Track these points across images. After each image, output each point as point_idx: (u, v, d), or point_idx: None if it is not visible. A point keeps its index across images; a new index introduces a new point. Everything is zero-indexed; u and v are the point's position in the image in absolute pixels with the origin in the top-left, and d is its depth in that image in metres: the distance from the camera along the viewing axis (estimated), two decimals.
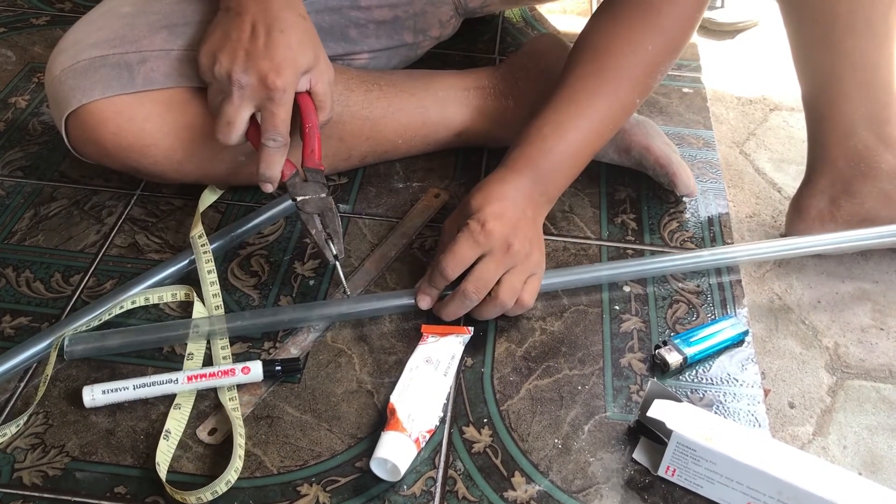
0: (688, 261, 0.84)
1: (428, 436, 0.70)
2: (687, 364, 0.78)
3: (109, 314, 0.79)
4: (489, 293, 0.76)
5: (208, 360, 0.76)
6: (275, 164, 0.76)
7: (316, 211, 0.78)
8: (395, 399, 0.71)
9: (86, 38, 0.81)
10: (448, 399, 0.74)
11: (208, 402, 0.73)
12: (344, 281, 0.79)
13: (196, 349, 0.77)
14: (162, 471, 0.67)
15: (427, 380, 0.74)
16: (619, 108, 0.82)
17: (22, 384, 0.74)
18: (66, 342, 0.75)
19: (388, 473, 0.67)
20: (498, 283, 0.76)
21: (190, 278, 0.83)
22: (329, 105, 0.79)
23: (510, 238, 0.75)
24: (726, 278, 0.86)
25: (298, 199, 0.77)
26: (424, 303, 0.79)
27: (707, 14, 1.42)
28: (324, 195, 0.78)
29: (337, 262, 0.78)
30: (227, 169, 0.88)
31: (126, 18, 0.82)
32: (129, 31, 0.81)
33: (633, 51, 0.80)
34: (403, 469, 0.67)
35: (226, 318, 0.79)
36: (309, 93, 0.78)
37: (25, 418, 0.71)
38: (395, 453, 0.66)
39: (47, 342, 0.76)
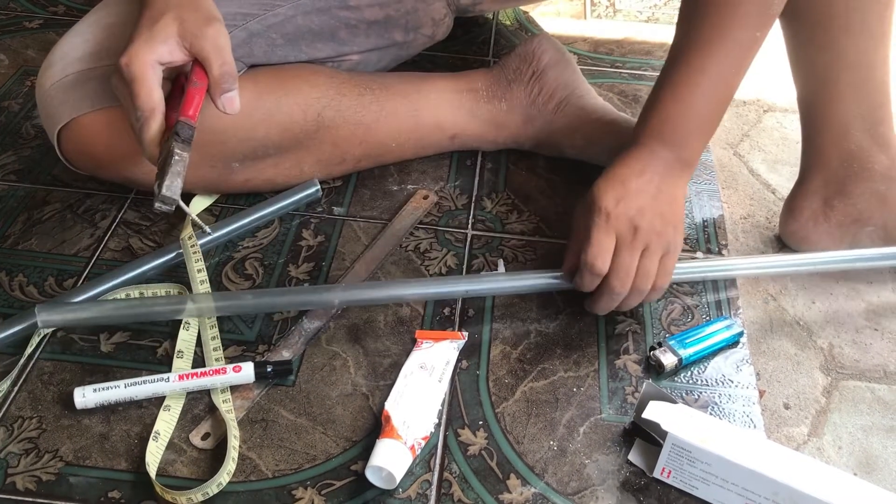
0: (685, 273, 0.84)
1: (423, 443, 0.70)
2: (682, 365, 0.78)
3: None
4: None
5: (200, 363, 0.76)
6: (145, 137, 0.71)
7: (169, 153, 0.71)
8: (389, 406, 0.71)
9: (73, 52, 0.82)
10: (443, 405, 0.74)
11: (202, 407, 0.73)
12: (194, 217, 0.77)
13: (186, 347, 0.77)
14: (151, 471, 0.67)
15: (422, 386, 0.73)
16: (739, 50, 0.76)
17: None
18: (37, 312, 0.75)
19: (384, 481, 0.67)
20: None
21: (180, 276, 0.83)
22: (215, 57, 0.72)
23: (636, 220, 0.74)
24: (720, 280, 0.86)
25: (175, 136, 0.71)
26: (602, 309, 0.79)
27: None
28: (176, 146, 0.71)
29: (180, 202, 0.71)
30: (220, 175, 0.88)
31: (111, 29, 0.82)
32: (114, 43, 0.81)
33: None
34: (399, 477, 0.66)
35: (212, 296, 0.79)
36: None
37: (8, 383, 0.73)
38: (391, 461, 0.66)
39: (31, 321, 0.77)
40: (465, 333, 0.79)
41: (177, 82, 0.76)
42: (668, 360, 0.77)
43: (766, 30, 0.77)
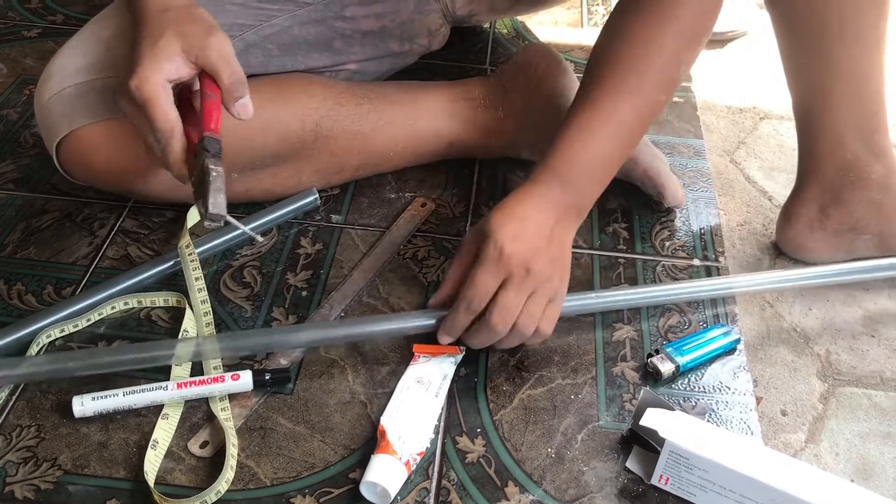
0: (685, 292, 0.84)
1: (418, 458, 0.70)
2: (679, 372, 0.78)
3: (100, 314, 0.81)
4: None
5: (199, 371, 0.76)
6: (171, 158, 0.70)
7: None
8: (385, 421, 0.71)
9: (71, 64, 0.82)
10: (440, 420, 0.74)
11: (200, 415, 0.73)
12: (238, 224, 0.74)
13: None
14: (150, 479, 0.67)
15: (418, 401, 0.73)
16: (646, 107, 0.78)
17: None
18: None
19: (379, 497, 0.67)
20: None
21: (178, 284, 0.83)
22: (223, 66, 0.71)
23: (529, 262, 0.72)
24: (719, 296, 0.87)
25: (206, 152, 0.69)
26: (446, 340, 0.76)
27: None
28: (209, 161, 0.69)
29: (228, 217, 0.69)
30: None
31: (109, 42, 0.83)
32: (112, 55, 0.81)
33: (653, 46, 0.77)
34: (393, 493, 0.66)
35: (194, 342, 0.78)
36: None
37: (6, 392, 0.73)
38: (385, 477, 0.66)
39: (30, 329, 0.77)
40: (463, 348, 0.78)
41: (182, 96, 0.75)
42: (666, 367, 0.77)
43: (670, 95, 0.81)
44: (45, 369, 0.73)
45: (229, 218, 0.69)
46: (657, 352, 0.79)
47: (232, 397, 0.74)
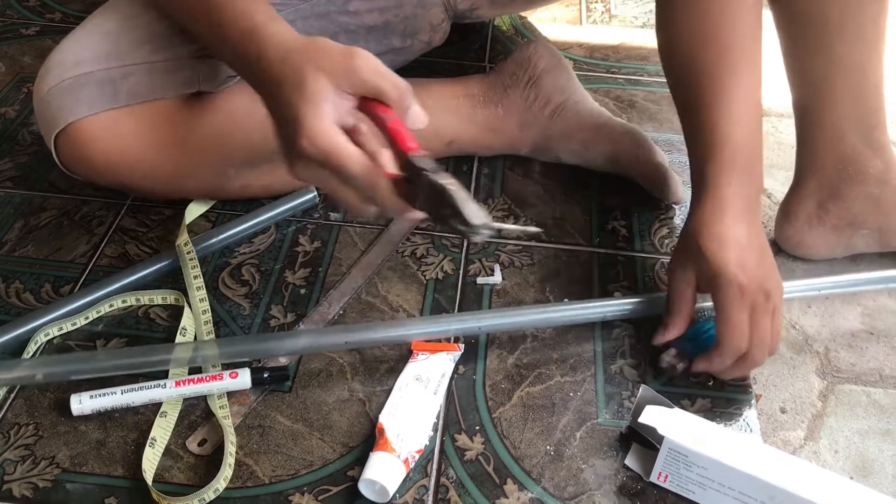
0: None
1: (417, 456, 0.70)
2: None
3: (98, 312, 0.81)
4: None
5: (197, 369, 0.76)
6: (382, 197, 0.63)
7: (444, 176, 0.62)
8: (383, 419, 0.71)
9: (71, 57, 0.81)
10: (438, 418, 0.74)
11: (198, 413, 0.73)
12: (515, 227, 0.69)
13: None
14: (148, 477, 0.67)
15: (417, 399, 0.73)
16: (758, 63, 0.77)
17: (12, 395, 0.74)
18: None
19: (377, 495, 0.67)
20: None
21: (177, 282, 0.83)
22: (383, 82, 0.64)
23: (765, 285, 0.71)
24: None
25: (426, 171, 0.63)
26: (736, 376, 0.76)
27: None
28: (438, 178, 0.62)
29: (491, 221, 0.62)
30: (217, 182, 0.88)
31: (110, 35, 0.82)
32: (112, 48, 0.81)
33: (738, 12, 0.75)
34: (392, 490, 0.66)
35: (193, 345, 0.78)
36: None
37: (4, 390, 0.73)
38: (384, 474, 0.66)
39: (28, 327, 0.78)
40: (462, 345, 0.78)
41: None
42: (679, 362, 0.77)
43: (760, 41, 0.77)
44: (40, 373, 0.72)
45: (497, 223, 0.62)
46: (668, 346, 0.78)
47: (230, 395, 0.74)
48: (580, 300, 0.82)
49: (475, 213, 0.60)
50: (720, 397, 0.77)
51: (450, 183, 0.61)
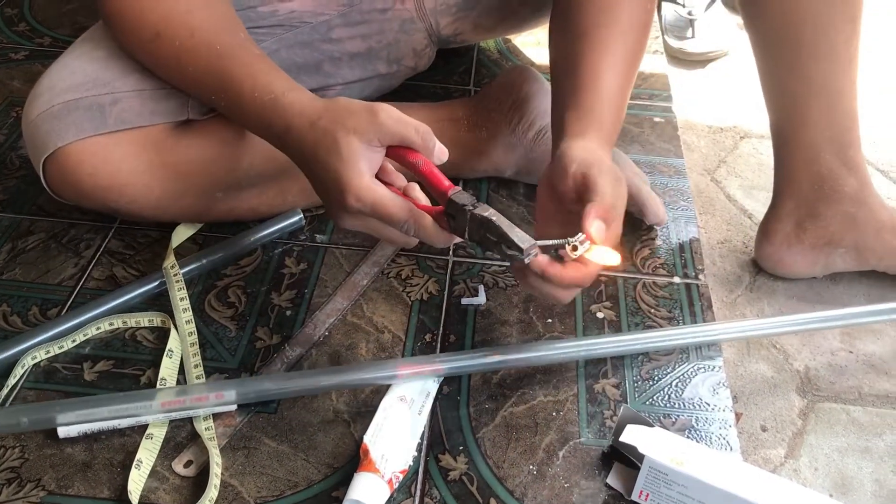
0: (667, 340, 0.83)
1: (401, 476, 0.70)
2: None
3: (85, 335, 0.81)
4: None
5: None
6: (429, 234, 0.70)
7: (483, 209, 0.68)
8: (368, 439, 0.71)
9: (60, 83, 0.82)
10: (422, 438, 0.75)
11: (184, 434, 0.74)
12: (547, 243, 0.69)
13: (169, 375, 0.78)
14: (134, 499, 0.67)
15: (401, 419, 0.74)
16: (631, 34, 0.80)
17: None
18: None
19: None
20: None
21: (163, 304, 0.84)
22: (406, 130, 0.69)
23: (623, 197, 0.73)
24: (697, 304, 0.88)
25: (467, 206, 0.68)
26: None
27: (678, 44, 1.45)
28: (481, 211, 0.68)
29: (535, 241, 0.67)
30: (204, 205, 0.88)
31: (99, 62, 0.83)
32: (102, 74, 0.82)
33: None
34: None
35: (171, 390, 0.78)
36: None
37: None
38: (368, 495, 0.67)
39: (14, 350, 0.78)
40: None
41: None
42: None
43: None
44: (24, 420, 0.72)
45: (539, 242, 0.67)
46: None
47: (216, 416, 0.75)
48: (561, 331, 0.83)
49: (522, 237, 0.66)
50: (701, 416, 0.77)
51: (492, 213, 0.67)
